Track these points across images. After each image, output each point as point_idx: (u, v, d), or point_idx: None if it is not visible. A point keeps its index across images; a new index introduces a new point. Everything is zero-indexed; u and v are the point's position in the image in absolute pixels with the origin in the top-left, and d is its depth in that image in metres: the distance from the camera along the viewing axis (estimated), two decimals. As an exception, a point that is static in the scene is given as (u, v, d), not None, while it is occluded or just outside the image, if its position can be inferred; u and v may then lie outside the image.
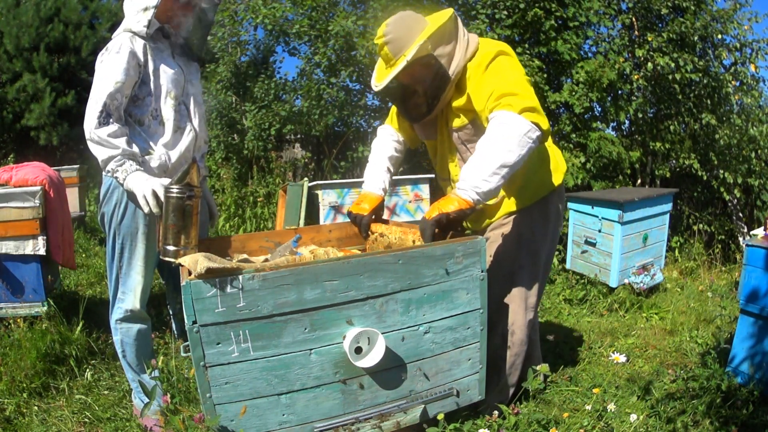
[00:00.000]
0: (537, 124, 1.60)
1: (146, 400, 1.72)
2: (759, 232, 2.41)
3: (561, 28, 5.05)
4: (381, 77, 1.83)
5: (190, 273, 1.37)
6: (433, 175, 2.33)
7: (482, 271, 1.62)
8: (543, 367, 1.72)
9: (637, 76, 5.10)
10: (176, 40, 2.02)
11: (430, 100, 1.83)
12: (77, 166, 5.22)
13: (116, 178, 1.82)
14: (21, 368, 2.42)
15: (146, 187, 1.76)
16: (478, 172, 1.57)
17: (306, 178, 4.77)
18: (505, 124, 1.58)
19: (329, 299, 1.43)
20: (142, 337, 2.06)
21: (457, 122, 1.87)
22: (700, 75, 5.08)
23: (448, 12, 1.79)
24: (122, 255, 1.99)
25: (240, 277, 1.34)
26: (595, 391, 1.86)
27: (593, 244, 3.69)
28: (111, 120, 1.80)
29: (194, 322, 1.32)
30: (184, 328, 1.38)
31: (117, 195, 1.92)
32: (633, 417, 1.71)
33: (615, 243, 3.51)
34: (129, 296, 2.01)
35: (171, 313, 2.43)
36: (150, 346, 2.12)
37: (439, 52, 1.75)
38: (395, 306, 1.51)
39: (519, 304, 2.01)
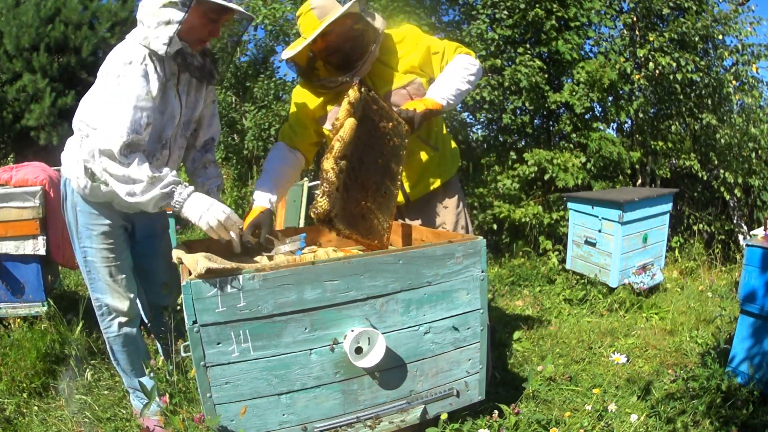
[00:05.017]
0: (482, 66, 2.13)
1: (145, 401, 1.72)
2: (759, 232, 2.41)
3: (562, 28, 5.04)
4: (307, 32, 1.92)
5: (190, 273, 1.37)
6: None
7: (482, 271, 1.62)
8: (547, 368, 1.75)
9: (638, 76, 5.09)
10: (192, 60, 1.73)
11: (359, 52, 1.97)
12: (77, 166, 5.21)
13: (173, 207, 1.65)
14: (21, 368, 2.42)
15: (210, 218, 1.63)
16: (448, 88, 2.02)
17: (306, 178, 4.77)
18: (467, 60, 2.08)
19: (329, 299, 1.43)
20: (131, 341, 2.01)
21: (403, 79, 2.09)
22: (701, 75, 5.07)
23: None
24: (83, 256, 1.91)
25: (240, 277, 1.34)
26: (595, 391, 1.87)
27: (593, 244, 3.69)
28: (133, 153, 1.57)
29: (194, 322, 1.32)
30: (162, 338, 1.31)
31: (68, 197, 1.88)
32: (633, 417, 1.72)
33: (615, 243, 3.51)
34: (103, 296, 1.94)
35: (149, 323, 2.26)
36: (143, 347, 2.07)
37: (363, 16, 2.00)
38: (395, 306, 1.52)
39: None
